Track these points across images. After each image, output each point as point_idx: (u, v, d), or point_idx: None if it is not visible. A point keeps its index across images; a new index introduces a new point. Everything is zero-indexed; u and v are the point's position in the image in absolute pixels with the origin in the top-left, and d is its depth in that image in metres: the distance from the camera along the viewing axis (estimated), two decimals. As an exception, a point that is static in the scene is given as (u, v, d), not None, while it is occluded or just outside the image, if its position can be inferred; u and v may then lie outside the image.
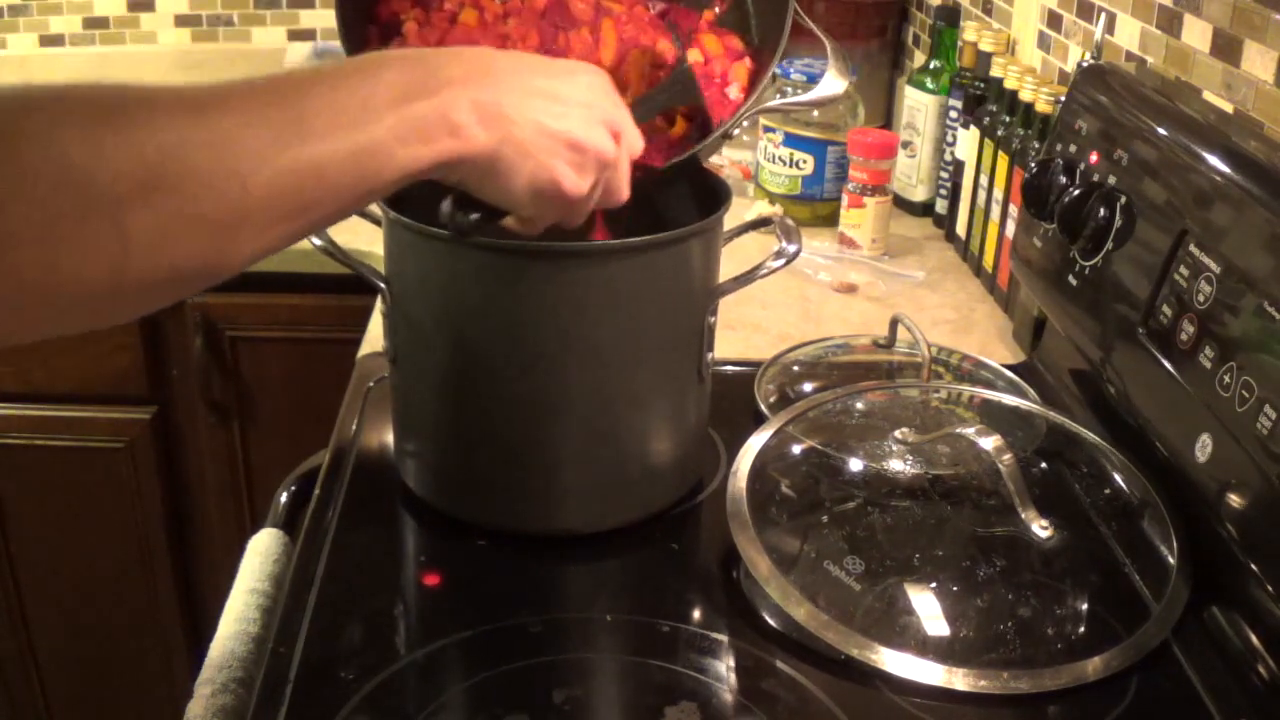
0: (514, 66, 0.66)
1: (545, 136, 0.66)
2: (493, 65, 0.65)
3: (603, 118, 0.70)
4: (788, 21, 0.94)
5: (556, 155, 0.67)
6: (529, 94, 0.66)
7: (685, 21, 0.98)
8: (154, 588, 1.81)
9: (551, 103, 0.67)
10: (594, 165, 0.70)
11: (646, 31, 0.95)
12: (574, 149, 0.68)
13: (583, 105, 0.68)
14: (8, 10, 2.17)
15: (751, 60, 0.97)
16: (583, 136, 0.68)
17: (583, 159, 0.69)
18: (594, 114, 0.69)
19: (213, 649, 0.84)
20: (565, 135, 0.67)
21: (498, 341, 0.87)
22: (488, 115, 0.63)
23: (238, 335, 1.68)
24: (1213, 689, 0.79)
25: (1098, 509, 0.93)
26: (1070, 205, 1.04)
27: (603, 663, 0.82)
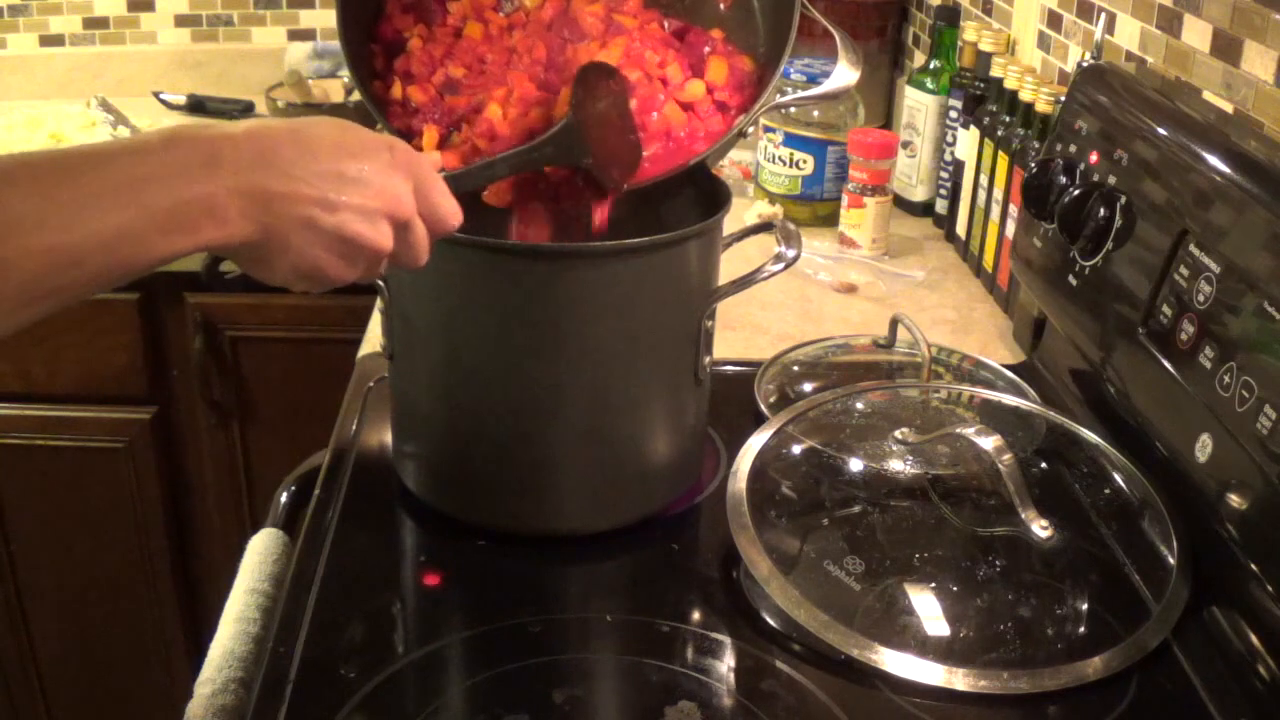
0: (297, 149, 0.64)
1: (312, 232, 0.64)
2: (274, 151, 0.63)
3: (384, 207, 0.67)
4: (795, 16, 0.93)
5: (323, 248, 0.65)
6: (306, 183, 0.64)
7: (699, 41, 0.97)
8: (154, 588, 1.81)
9: (328, 194, 0.64)
10: (365, 257, 0.68)
11: (658, 49, 0.94)
12: (343, 243, 0.66)
13: (362, 196, 0.66)
14: (8, 10, 2.17)
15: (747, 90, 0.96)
16: (353, 232, 0.66)
17: (354, 253, 0.67)
18: (372, 205, 0.66)
19: (213, 649, 0.84)
20: (334, 232, 0.65)
21: (495, 341, 0.87)
22: (255, 206, 0.62)
23: (238, 335, 1.68)
24: (1213, 689, 0.79)
25: (1098, 509, 0.93)
26: (1070, 205, 1.04)
27: (603, 663, 0.82)
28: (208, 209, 0.60)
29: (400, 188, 0.68)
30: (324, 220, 0.64)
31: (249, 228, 0.62)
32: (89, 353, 1.67)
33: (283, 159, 0.63)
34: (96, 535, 1.78)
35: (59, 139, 1.85)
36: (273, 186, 0.62)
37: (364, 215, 0.66)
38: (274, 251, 0.64)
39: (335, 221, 0.65)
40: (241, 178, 0.61)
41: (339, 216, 0.65)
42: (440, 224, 0.72)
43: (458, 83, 0.91)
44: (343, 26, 0.92)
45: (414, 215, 0.69)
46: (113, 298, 1.63)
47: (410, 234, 0.70)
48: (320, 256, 0.66)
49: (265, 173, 0.62)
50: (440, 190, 0.72)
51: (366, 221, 0.66)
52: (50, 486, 1.75)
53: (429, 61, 0.93)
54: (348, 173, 0.65)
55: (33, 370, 1.68)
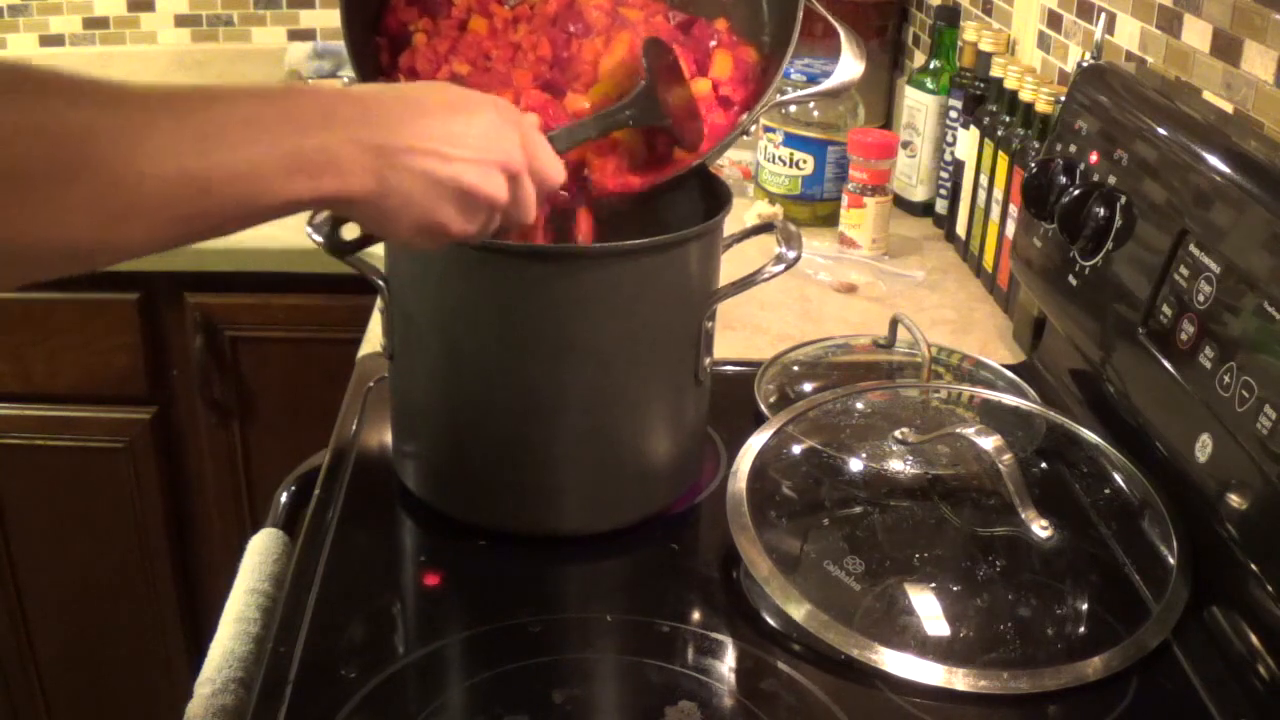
0: (407, 109, 0.66)
1: (431, 185, 0.66)
2: (386, 106, 0.65)
3: (498, 159, 0.69)
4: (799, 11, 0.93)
5: (442, 201, 0.67)
6: (420, 138, 0.65)
7: (704, 35, 0.97)
8: (154, 588, 1.81)
9: (442, 147, 0.66)
10: (484, 209, 0.69)
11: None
12: (461, 196, 0.68)
13: (475, 149, 0.68)
14: (8, 10, 2.17)
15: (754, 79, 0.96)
16: (471, 183, 0.67)
17: (472, 204, 0.68)
18: (487, 157, 0.68)
19: (213, 649, 0.84)
20: (452, 183, 0.67)
21: (495, 341, 0.87)
22: (374, 160, 0.63)
23: (238, 335, 1.68)
24: (1213, 689, 0.79)
25: (1098, 509, 0.93)
26: (1070, 205, 1.04)
27: (603, 663, 0.82)
28: (328, 158, 0.62)
29: (510, 142, 0.70)
30: (442, 172, 0.66)
31: (368, 181, 0.63)
32: (89, 353, 1.66)
33: (395, 116, 0.65)
34: (96, 535, 1.78)
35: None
36: (389, 140, 0.64)
37: (479, 167, 0.68)
38: (396, 205, 0.65)
39: (452, 173, 0.66)
40: (358, 131, 0.63)
41: (455, 168, 0.67)
42: (546, 179, 0.74)
43: (463, 80, 0.91)
44: (346, 19, 0.92)
45: (524, 168, 0.71)
46: (113, 298, 1.63)
47: (520, 188, 0.72)
48: (441, 209, 0.67)
49: (380, 128, 0.64)
50: (545, 146, 0.74)
51: (482, 173, 0.68)
52: (50, 486, 1.75)
53: (434, 58, 0.93)
54: (459, 128, 0.67)
55: (33, 370, 1.68)
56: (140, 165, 0.55)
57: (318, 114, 0.62)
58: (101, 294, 1.62)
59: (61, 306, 1.63)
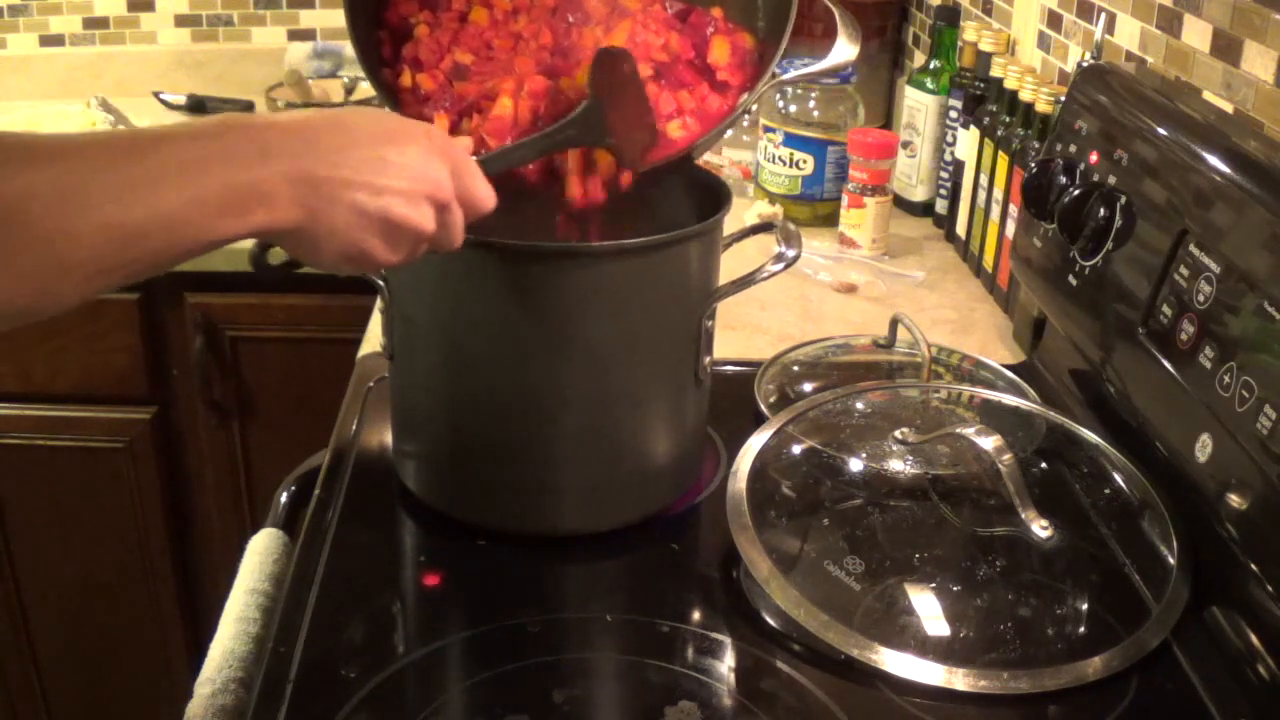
0: (339, 138, 0.66)
1: (357, 216, 0.67)
2: (319, 139, 0.66)
3: (426, 190, 0.69)
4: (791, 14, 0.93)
5: (369, 232, 0.68)
6: (350, 169, 0.66)
7: (701, 22, 0.97)
8: (154, 588, 1.81)
9: (372, 179, 0.67)
10: (410, 238, 0.70)
11: (661, 32, 0.95)
12: (388, 227, 0.68)
13: (405, 179, 0.68)
14: (8, 10, 2.17)
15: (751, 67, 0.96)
16: (398, 215, 0.68)
17: (396, 235, 0.69)
18: (416, 188, 0.69)
19: (213, 649, 0.84)
20: (379, 215, 0.67)
21: (494, 341, 0.87)
22: (304, 192, 0.64)
23: (238, 335, 1.68)
24: (1213, 689, 0.79)
25: (1098, 509, 0.93)
26: (1070, 205, 1.04)
27: (603, 663, 0.82)
28: (259, 194, 0.62)
29: (440, 172, 0.71)
30: (369, 204, 0.67)
31: (298, 212, 0.64)
32: (89, 353, 1.67)
33: (328, 146, 0.66)
34: (96, 535, 1.78)
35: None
36: (320, 172, 0.65)
37: (407, 199, 0.68)
38: (322, 235, 0.66)
39: (380, 205, 0.67)
40: (290, 164, 0.64)
41: (384, 200, 0.67)
42: (476, 206, 0.74)
43: (466, 69, 0.92)
44: (349, 13, 0.92)
45: (453, 198, 0.72)
46: (113, 298, 1.63)
47: (449, 216, 0.72)
48: (366, 239, 0.68)
49: (312, 159, 0.65)
50: (475, 174, 0.74)
51: (410, 205, 0.69)
52: (50, 486, 1.75)
53: (436, 48, 0.93)
54: (390, 158, 0.68)
55: (33, 370, 1.68)
56: (74, 224, 0.56)
57: (251, 149, 0.63)
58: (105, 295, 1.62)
59: (61, 306, 1.63)
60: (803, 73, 1.03)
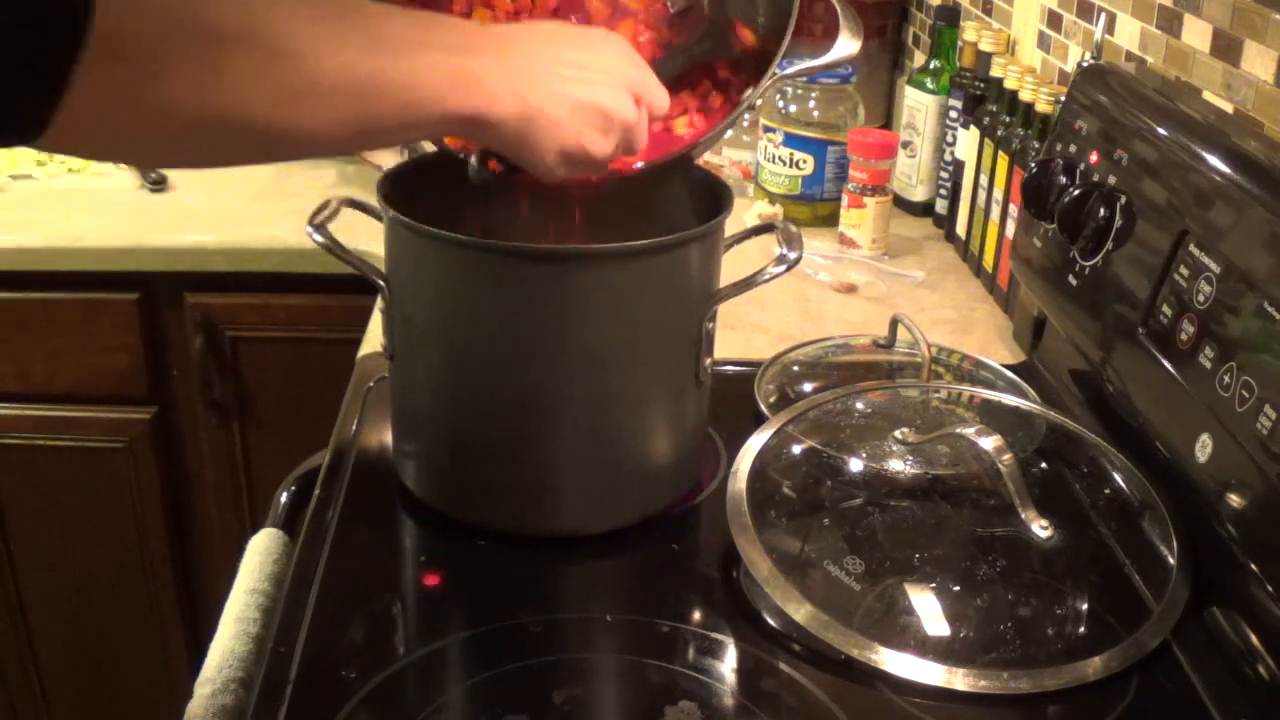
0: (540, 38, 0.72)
1: (574, 107, 0.71)
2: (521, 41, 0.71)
3: (627, 84, 0.75)
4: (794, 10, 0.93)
5: (585, 123, 0.72)
6: (557, 64, 0.71)
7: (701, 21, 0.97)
8: (154, 588, 1.81)
9: (579, 73, 0.72)
10: (619, 129, 0.75)
11: (662, 32, 0.95)
12: (601, 117, 0.73)
13: (607, 73, 0.73)
14: (8, 10, 2.17)
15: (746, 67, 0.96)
16: (609, 105, 0.73)
17: (609, 125, 0.74)
18: (619, 81, 0.74)
19: (213, 649, 0.84)
20: (593, 104, 0.72)
21: (495, 342, 0.87)
22: (519, 83, 0.69)
23: (238, 335, 1.68)
24: (1213, 689, 0.79)
25: (1098, 509, 0.93)
26: (1070, 205, 1.04)
27: (603, 663, 0.82)
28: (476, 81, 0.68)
29: (633, 67, 0.77)
30: (582, 93, 0.72)
31: (514, 103, 0.69)
32: (89, 353, 1.66)
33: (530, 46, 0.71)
34: (96, 535, 1.77)
35: (59, 139, 1.85)
36: (530, 67, 0.70)
37: (614, 90, 0.74)
38: (541, 126, 0.71)
39: (592, 94, 0.72)
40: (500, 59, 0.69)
41: (594, 89, 0.72)
42: (657, 104, 0.79)
43: None
44: None
45: (648, 87, 0.77)
46: (113, 298, 1.63)
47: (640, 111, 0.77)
48: (583, 131, 0.73)
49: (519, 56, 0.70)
50: (652, 74, 0.79)
51: (617, 95, 0.74)
52: (50, 486, 1.75)
53: None
54: (590, 55, 0.74)
55: (33, 370, 1.68)
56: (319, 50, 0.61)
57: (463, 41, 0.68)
58: (101, 294, 1.62)
59: (61, 306, 1.63)
60: (805, 67, 1.03)
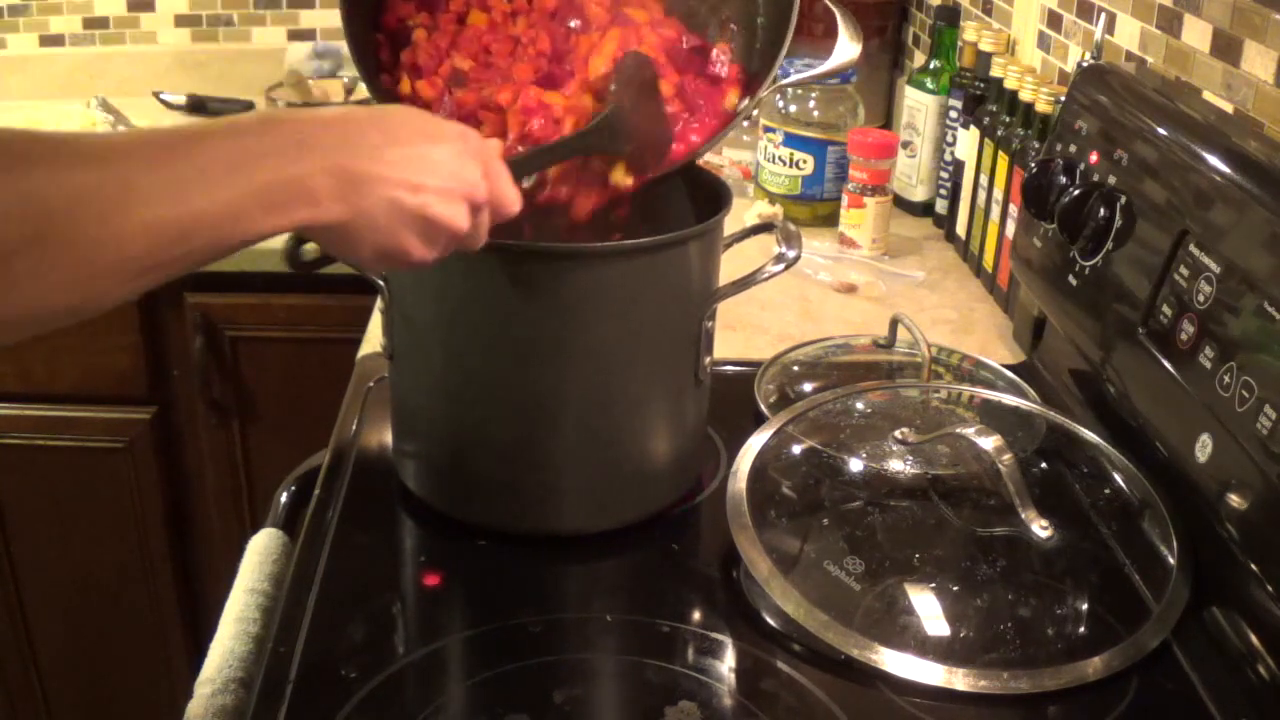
0: (381, 135, 0.67)
1: (398, 212, 0.67)
2: (360, 135, 0.66)
3: (463, 190, 0.70)
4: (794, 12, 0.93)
5: (407, 229, 0.68)
6: (392, 166, 0.67)
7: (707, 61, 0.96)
8: (154, 588, 1.81)
9: (413, 176, 0.68)
10: (444, 237, 0.71)
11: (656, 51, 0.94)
12: (425, 224, 0.69)
13: (443, 178, 0.69)
14: (8, 10, 2.17)
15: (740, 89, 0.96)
16: (436, 213, 0.69)
17: (433, 232, 0.70)
18: (454, 187, 0.70)
19: (213, 649, 0.84)
20: (418, 212, 0.68)
21: (494, 342, 0.87)
22: (345, 188, 0.65)
23: (238, 335, 1.68)
24: (1213, 689, 0.79)
25: (1098, 509, 0.93)
26: (1070, 205, 1.04)
27: (603, 663, 0.82)
28: (303, 189, 0.63)
29: (474, 172, 0.72)
30: (409, 201, 0.68)
31: (339, 208, 0.65)
32: (89, 353, 1.66)
33: (369, 143, 0.66)
34: (96, 535, 1.77)
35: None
36: (361, 168, 0.65)
37: (445, 197, 0.69)
38: (362, 231, 0.67)
39: (419, 202, 0.68)
40: (332, 159, 0.64)
41: (422, 198, 0.68)
42: (504, 209, 0.75)
43: (464, 75, 0.91)
44: (346, 16, 0.92)
45: (485, 199, 0.73)
46: (113, 298, 1.63)
47: (480, 216, 0.73)
48: (404, 237, 0.69)
49: (354, 155, 0.65)
50: (505, 177, 0.75)
51: (447, 204, 0.70)
52: (50, 486, 1.75)
53: (435, 53, 0.92)
54: (429, 156, 0.69)
55: (33, 370, 1.68)
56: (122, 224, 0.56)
57: (294, 143, 0.63)
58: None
59: (61, 306, 1.63)
60: (806, 76, 1.03)
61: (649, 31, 0.94)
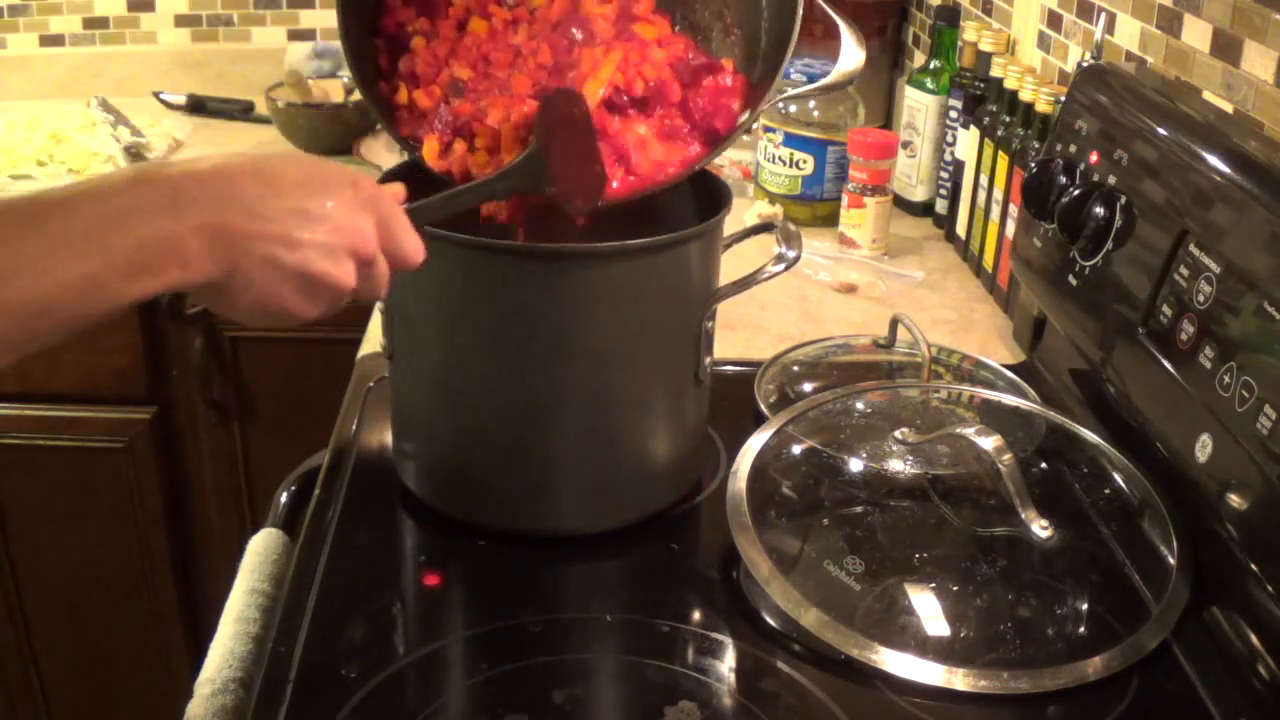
0: (260, 189, 0.64)
1: (273, 270, 0.64)
2: (237, 187, 0.63)
3: (348, 244, 0.67)
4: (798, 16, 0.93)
5: (285, 285, 0.65)
6: (268, 220, 0.63)
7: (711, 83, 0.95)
8: (154, 588, 1.81)
9: (291, 231, 0.64)
10: (327, 293, 0.67)
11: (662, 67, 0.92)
12: (305, 280, 0.65)
13: (326, 232, 0.65)
14: (8, 10, 2.17)
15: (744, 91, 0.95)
16: (316, 270, 0.65)
17: (314, 289, 0.66)
18: (337, 241, 0.66)
19: (213, 649, 0.84)
20: (297, 269, 0.65)
21: (494, 342, 0.87)
22: (219, 244, 0.62)
23: (238, 335, 1.68)
24: (1213, 689, 0.79)
25: (1098, 509, 0.93)
26: (1070, 205, 1.04)
27: (603, 663, 0.82)
28: (171, 249, 0.60)
29: (364, 224, 0.68)
30: (287, 258, 0.64)
31: (212, 266, 0.62)
32: (89, 353, 1.66)
33: (246, 195, 0.63)
34: (96, 535, 1.78)
35: (59, 139, 1.85)
36: (236, 224, 0.62)
37: (327, 253, 0.66)
38: (237, 289, 0.64)
39: (298, 259, 0.64)
40: (204, 216, 0.61)
41: (302, 254, 0.65)
42: (402, 261, 0.72)
43: (463, 85, 0.90)
44: (343, 20, 0.92)
45: (377, 252, 0.69)
46: (113, 298, 1.63)
47: (372, 269, 0.70)
48: (283, 294, 0.65)
49: (228, 210, 0.62)
50: (404, 226, 0.71)
51: (330, 259, 0.66)
52: (50, 486, 1.75)
53: (434, 61, 0.92)
54: (311, 210, 0.65)
55: (33, 370, 1.68)
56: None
57: (162, 202, 0.60)
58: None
59: (61, 306, 1.63)
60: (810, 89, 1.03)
61: (655, 49, 0.93)
